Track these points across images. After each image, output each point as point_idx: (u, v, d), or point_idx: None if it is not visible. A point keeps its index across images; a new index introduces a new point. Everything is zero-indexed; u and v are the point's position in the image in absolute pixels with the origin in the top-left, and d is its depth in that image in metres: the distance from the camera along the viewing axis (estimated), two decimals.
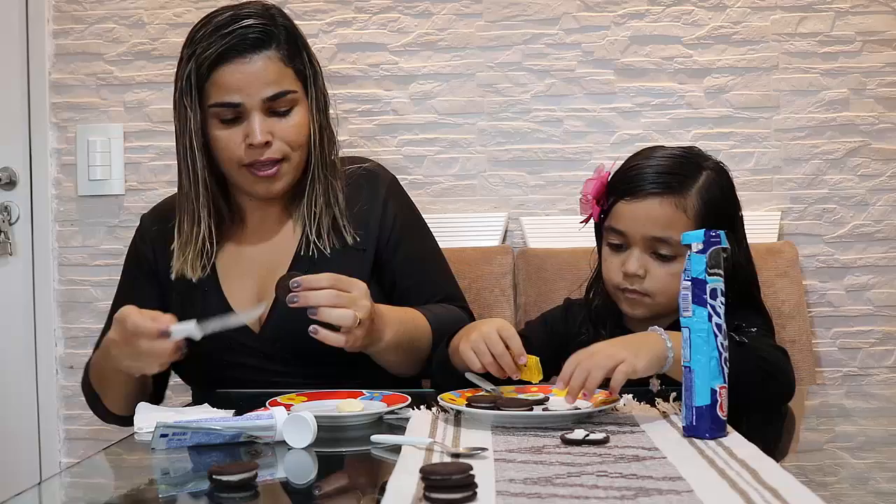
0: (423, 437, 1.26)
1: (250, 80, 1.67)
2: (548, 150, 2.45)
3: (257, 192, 1.75)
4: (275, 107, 1.70)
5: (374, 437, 1.29)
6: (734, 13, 2.42)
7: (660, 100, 2.44)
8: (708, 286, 1.26)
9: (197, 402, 1.61)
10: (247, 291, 1.77)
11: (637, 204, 1.61)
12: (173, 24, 2.50)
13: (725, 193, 1.65)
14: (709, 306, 1.25)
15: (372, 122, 2.48)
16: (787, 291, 2.22)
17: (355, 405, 1.42)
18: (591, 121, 2.45)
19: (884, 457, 1.24)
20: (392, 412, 1.43)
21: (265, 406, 1.42)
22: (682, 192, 1.60)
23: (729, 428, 1.26)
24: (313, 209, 1.76)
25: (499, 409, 1.35)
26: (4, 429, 2.53)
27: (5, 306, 2.53)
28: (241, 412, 1.40)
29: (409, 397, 1.48)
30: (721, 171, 1.66)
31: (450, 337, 1.61)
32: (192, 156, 1.71)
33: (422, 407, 1.46)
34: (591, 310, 1.74)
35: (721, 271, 1.27)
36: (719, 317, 1.25)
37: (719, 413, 1.25)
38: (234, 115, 1.69)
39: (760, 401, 1.43)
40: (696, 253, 1.27)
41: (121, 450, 1.35)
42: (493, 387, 1.49)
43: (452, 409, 1.39)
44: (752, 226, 2.32)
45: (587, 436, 1.23)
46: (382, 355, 1.69)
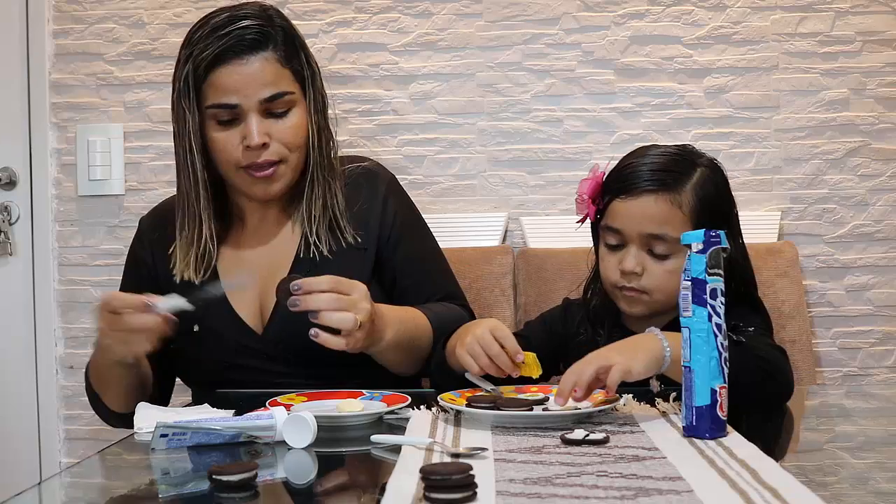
0: (423, 437, 1.26)
1: (247, 82, 1.67)
2: (548, 150, 2.45)
3: (255, 194, 1.75)
4: (272, 108, 1.69)
5: (374, 437, 1.29)
6: (734, 13, 2.42)
7: (660, 100, 2.44)
8: (708, 286, 1.25)
9: (197, 402, 1.61)
10: (249, 293, 1.77)
11: (632, 202, 1.61)
12: (173, 24, 2.50)
13: (720, 190, 1.65)
14: (709, 306, 1.25)
15: (372, 122, 2.48)
16: (787, 291, 2.22)
17: (355, 405, 1.42)
18: (591, 121, 2.45)
19: (884, 457, 1.24)
20: (392, 412, 1.43)
21: (265, 406, 1.42)
22: (677, 189, 1.60)
23: (729, 428, 1.26)
24: (312, 211, 1.76)
25: (499, 409, 1.35)
26: (4, 429, 2.53)
27: (5, 306, 2.53)
28: (241, 412, 1.40)
29: (409, 397, 1.48)
30: (715, 168, 1.67)
31: (446, 338, 1.61)
32: (191, 157, 1.71)
33: (422, 407, 1.45)
34: (590, 309, 1.74)
35: (721, 271, 1.27)
36: (719, 317, 1.25)
37: (719, 413, 1.25)
38: (231, 116, 1.69)
39: (759, 400, 1.43)
40: (696, 253, 1.27)
41: (121, 450, 1.35)
42: (493, 387, 1.49)
43: (452, 409, 1.39)
44: (752, 226, 2.33)
45: (587, 436, 1.23)
46: (383, 355, 1.69)
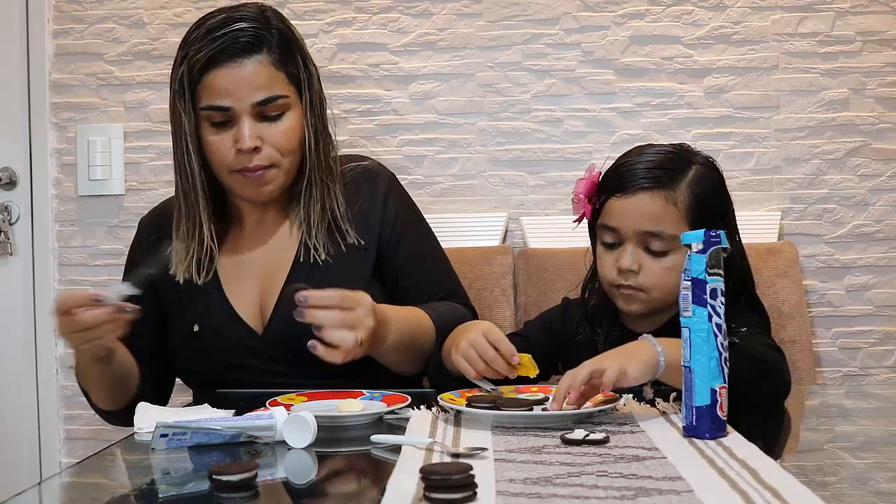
0: (423, 437, 1.26)
1: (240, 85, 1.66)
2: (548, 150, 2.45)
3: (248, 196, 1.75)
4: (265, 111, 1.68)
5: (374, 437, 1.29)
6: (734, 13, 2.42)
7: (660, 100, 2.44)
8: (708, 286, 1.25)
9: (197, 402, 1.61)
10: (248, 293, 1.77)
11: (628, 200, 1.62)
12: (173, 24, 2.50)
13: (716, 188, 1.66)
14: (709, 306, 1.25)
15: (372, 122, 2.48)
16: (787, 291, 2.22)
17: (355, 405, 1.42)
18: (591, 121, 2.45)
19: (884, 457, 1.24)
20: (392, 412, 1.43)
21: (265, 406, 1.42)
22: (672, 186, 1.61)
23: (729, 428, 1.26)
24: (311, 215, 1.75)
25: (499, 409, 1.35)
26: (4, 429, 2.53)
27: (5, 306, 2.53)
28: (241, 412, 1.40)
29: (409, 397, 1.48)
30: (711, 165, 1.67)
31: (442, 339, 1.62)
32: (187, 158, 1.71)
33: (422, 407, 1.45)
34: (588, 309, 1.74)
35: (721, 271, 1.27)
36: (719, 317, 1.25)
37: (719, 413, 1.25)
38: (225, 118, 1.68)
39: (756, 400, 1.43)
40: (696, 253, 1.27)
41: (121, 450, 1.35)
42: (493, 387, 1.49)
43: (452, 409, 1.39)
44: (752, 226, 2.33)
45: (587, 436, 1.23)
46: (385, 356, 1.69)
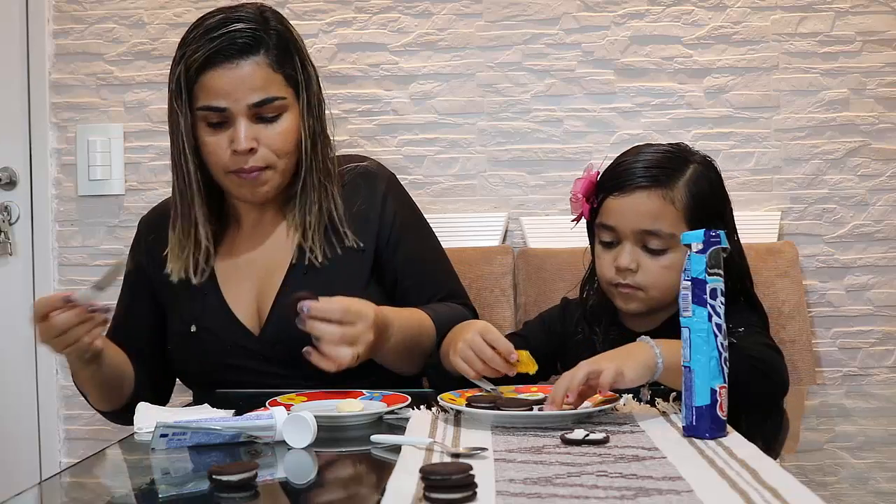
0: (423, 437, 1.26)
1: (236, 86, 1.66)
2: (548, 150, 2.45)
3: (244, 196, 1.74)
4: (261, 113, 1.68)
5: (374, 437, 1.29)
6: (734, 13, 2.42)
7: (660, 100, 2.44)
8: (708, 286, 1.25)
9: (197, 402, 1.61)
10: (246, 294, 1.76)
11: (625, 198, 1.62)
12: (173, 24, 2.50)
13: (713, 186, 1.66)
14: (709, 306, 1.25)
15: (372, 122, 2.48)
16: (787, 291, 2.22)
17: (355, 405, 1.42)
18: (591, 121, 2.45)
19: (884, 457, 1.24)
20: (392, 412, 1.43)
21: (265, 406, 1.42)
22: (670, 185, 1.61)
23: (729, 428, 1.26)
24: (307, 216, 1.74)
25: (499, 409, 1.35)
26: (4, 429, 2.53)
27: (5, 306, 2.53)
28: (241, 412, 1.40)
29: (409, 397, 1.48)
30: (708, 164, 1.68)
31: (439, 342, 1.62)
32: (184, 158, 1.71)
33: (422, 407, 1.45)
34: (586, 308, 1.74)
35: (721, 271, 1.27)
36: (719, 317, 1.25)
37: (719, 413, 1.25)
38: (221, 119, 1.68)
39: (754, 400, 1.43)
40: (696, 253, 1.26)
41: (121, 450, 1.35)
42: (493, 387, 1.49)
43: (452, 409, 1.39)
44: (752, 226, 2.33)
45: (587, 436, 1.23)
46: (385, 358, 1.69)
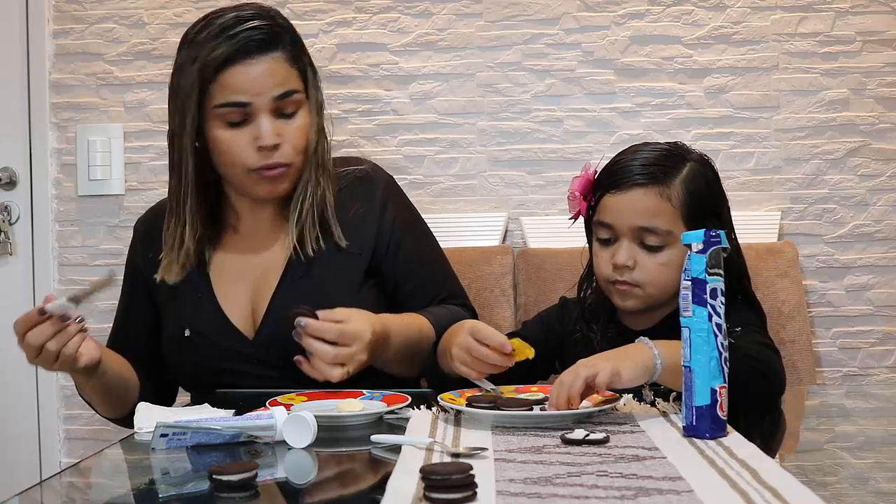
0: (423, 437, 1.26)
1: (258, 81, 1.66)
2: (548, 150, 2.45)
3: (259, 194, 1.73)
4: (282, 107, 1.68)
5: (374, 437, 1.29)
6: (734, 13, 2.42)
7: (660, 100, 2.44)
8: (708, 286, 1.25)
9: (197, 402, 1.61)
10: (240, 298, 1.76)
11: (622, 195, 1.63)
12: (173, 24, 2.50)
13: (710, 184, 1.67)
14: (709, 306, 1.25)
15: (372, 122, 2.48)
16: (787, 291, 2.22)
17: (355, 405, 1.42)
18: (591, 121, 2.45)
19: (884, 457, 1.24)
20: (392, 412, 1.43)
21: (265, 406, 1.42)
22: (666, 182, 1.62)
23: (729, 428, 1.26)
24: (301, 212, 1.74)
25: (499, 409, 1.35)
26: (4, 429, 2.53)
27: (5, 306, 2.52)
28: (241, 412, 1.40)
29: (409, 397, 1.48)
30: (705, 163, 1.69)
31: (435, 343, 1.62)
32: (185, 159, 1.70)
33: (422, 407, 1.45)
34: (584, 307, 1.75)
35: (721, 271, 1.27)
36: (719, 317, 1.25)
37: (719, 413, 1.25)
38: (242, 116, 1.67)
39: (751, 400, 1.43)
40: (697, 253, 1.26)
41: (121, 450, 1.35)
42: (493, 387, 1.49)
43: (452, 409, 1.39)
44: (752, 226, 2.33)
45: (587, 436, 1.23)
46: (385, 365, 1.70)
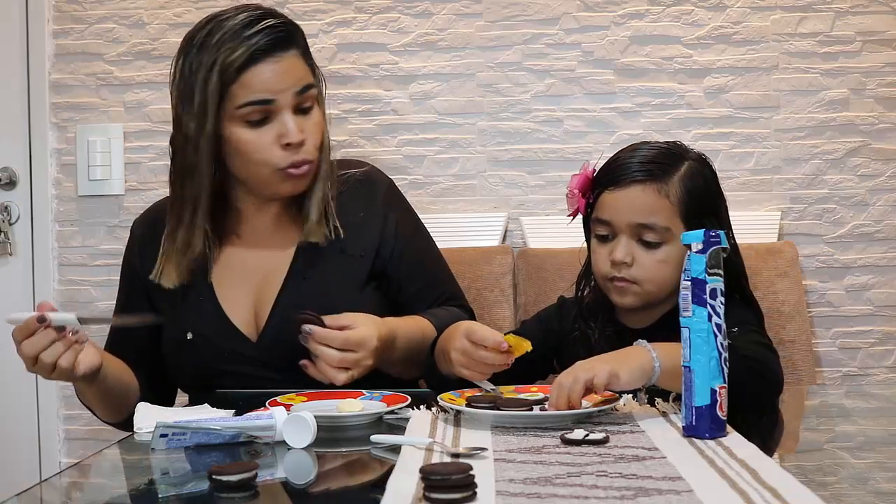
0: (422, 437, 1.26)
1: (281, 78, 1.65)
2: (548, 150, 2.45)
3: (282, 192, 1.72)
4: (301, 103, 1.67)
5: (374, 437, 1.29)
6: (734, 13, 2.42)
7: (660, 100, 2.44)
8: (708, 286, 1.25)
9: (196, 403, 1.61)
10: (243, 300, 1.75)
11: (620, 192, 1.64)
12: (173, 24, 2.50)
13: (708, 183, 1.67)
14: (709, 306, 1.25)
15: (372, 122, 2.48)
16: (787, 291, 2.22)
17: (355, 405, 1.42)
18: (591, 121, 2.44)
19: (884, 457, 1.25)
20: (392, 412, 1.43)
21: (265, 406, 1.42)
22: (665, 180, 1.62)
23: (729, 428, 1.26)
24: (317, 208, 1.74)
25: (499, 409, 1.35)
26: (4, 429, 2.53)
27: (5, 306, 2.52)
28: (241, 412, 1.40)
29: (409, 397, 1.48)
30: (703, 161, 1.69)
31: (432, 346, 1.63)
32: (203, 165, 1.67)
33: (422, 407, 1.46)
34: (582, 305, 1.75)
35: (721, 271, 1.27)
36: (719, 317, 1.25)
37: (719, 413, 1.25)
38: (263, 115, 1.65)
39: (749, 400, 1.43)
40: (696, 253, 1.27)
41: (121, 450, 1.35)
42: (493, 387, 1.49)
43: (452, 409, 1.39)
44: (752, 226, 2.33)
45: (587, 436, 1.23)
46: (390, 368, 1.71)
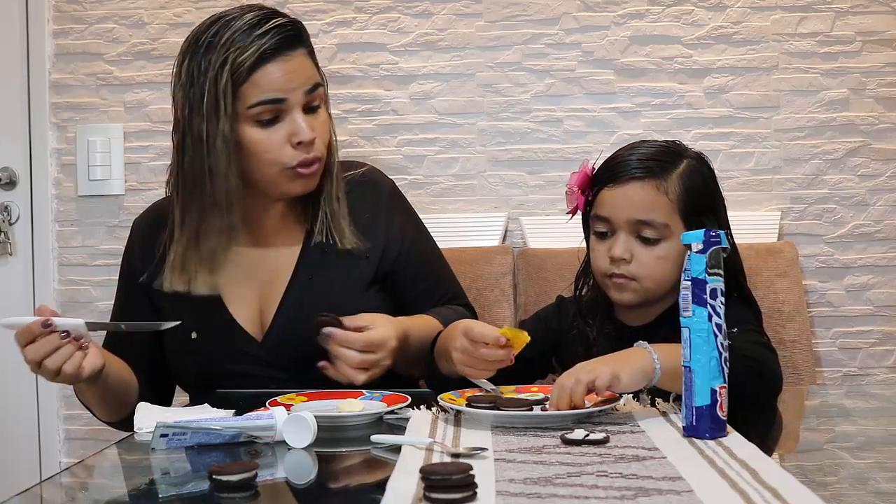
0: (423, 437, 1.26)
1: (291, 77, 1.65)
2: (548, 150, 2.45)
3: (292, 191, 1.71)
4: (310, 101, 1.67)
5: (374, 437, 1.29)
6: (734, 13, 2.42)
7: (660, 100, 2.44)
8: (708, 286, 1.25)
9: (196, 402, 1.61)
10: (248, 299, 1.75)
11: (619, 189, 1.64)
12: (173, 24, 2.50)
13: (707, 181, 1.68)
14: (709, 306, 1.25)
15: (372, 122, 2.48)
16: (787, 291, 2.22)
17: (355, 405, 1.42)
18: (591, 121, 2.44)
19: (884, 457, 1.25)
20: (392, 412, 1.43)
21: (265, 406, 1.42)
22: (663, 176, 1.63)
23: (729, 428, 1.26)
24: (324, 207, 1.74)
25: (499, 409, 1.35)
26: (4, 429, 2.53)
27: (5, 306, 2.52)
28: (241, 412, 1.40)
29: (409, 397, 1.48)
30: (702, 160, 1.70)
31: (431, 346, 1.63)
32: (228, 164, 1.64)
33: (422, 407, 1.46)
34: (581, 302, 1.75)
35: (721, 271, 1.27)
36: (719, 317, 1.26)
37: (719, 413, 1.25)
38: (274, 114, 1.65)
39: (748, 400, 1.43)
40: (696, 253, 1.27)
41: (121, 450, 1.35)
42: (493, 387, 1.49)
43: (452, 409, 1.39)
44: (752, 226, 2.33)
45: (587, 436, 1.23)
46: (401, 366, 1.70)
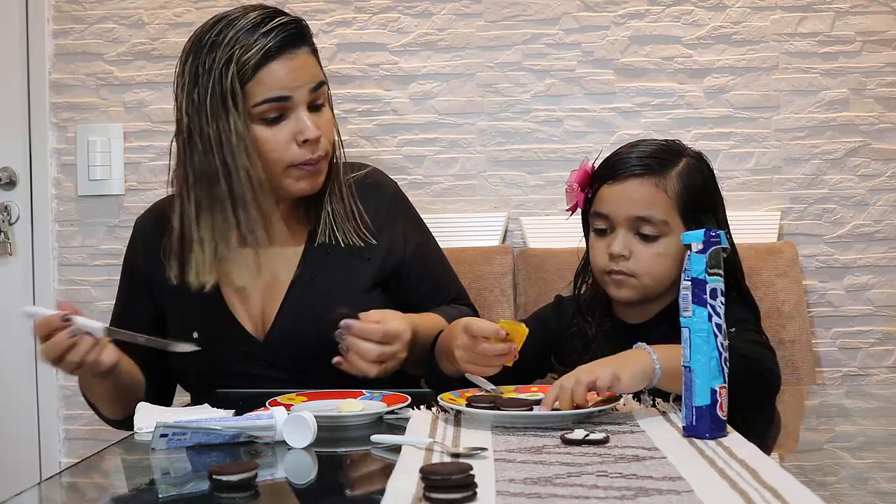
0: (423, 437, 1.26)
1: (296, 75, 1.65)
2: (548, 150, 2.45)
3: (297, 190, 1.71)
4: (315, 99, 1.68)
5: (374, 437, 1.29)
6: (734, 13, 2.42)
7: (660, 100, 2.44)
8: (708, 286, 1.26)
9: (197, 402, 1.61)
10: (250, 299, 1.75)
11: (618, 186, 1.65)
12: (173, 24, 2.50)
13: (706, 180, 1.69)
14: (709, 306, 1.25)
15: (372, 122, 2.48)
16: (787, 291, 2.22)
17: (355, 405, 1.42)
18: (591, 121, 2.44)
19: (884, 457, 1.25)
20: (392, 412, 1.43)
21: (265, 406, 1.42)
22: (663, 174, 1.64)
23: (729, 428, 1.26)
24: (327, 207, 1.74)
25: (499, 409, 1.35)
26: (4, 429, 2.53)
27: (5, 306, 2.53)
28: (241, 412, 1.40)
29: (409, 397, 1.48)
30: (701, 159, 1.71)
31: (431, 347, 1.63)
32: (250, 161, 1.64)
33: (422, 407, 1.46)
34: (580, 300, 1.75)
35: (721, 271, 1.27)
36: (719, 317, 1.26)
37: (719, 413, 1.25)
38: (279, 112, 1.65)
39: (747, 400, 1.43)
40: (696, 253, 1.27)
41: (121, 450, 1.35)
42: (493, 387, 1.49)
43: (452, 409, 1.39)
44: (752, 226, 2.33)
45: (587, 436, 1.23)
46: (408, 364, 1.70)
